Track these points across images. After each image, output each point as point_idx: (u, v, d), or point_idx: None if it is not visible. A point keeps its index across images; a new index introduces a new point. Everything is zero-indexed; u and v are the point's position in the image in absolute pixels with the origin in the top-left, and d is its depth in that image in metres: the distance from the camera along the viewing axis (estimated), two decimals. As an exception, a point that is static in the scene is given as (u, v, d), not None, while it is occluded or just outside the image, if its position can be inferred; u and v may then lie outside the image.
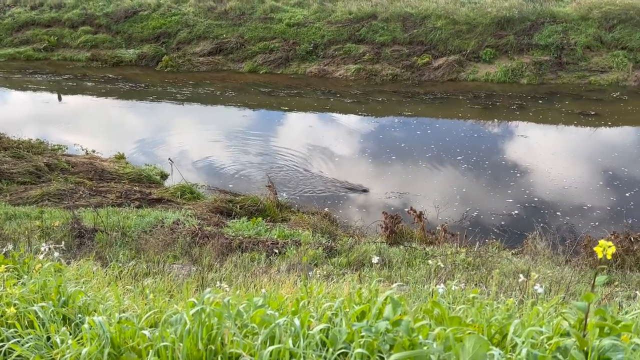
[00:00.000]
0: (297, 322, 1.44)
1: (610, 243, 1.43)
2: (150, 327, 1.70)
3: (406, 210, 8.91)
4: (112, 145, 12.32)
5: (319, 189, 10.35)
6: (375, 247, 6.45)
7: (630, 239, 7.35)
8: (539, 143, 12.22)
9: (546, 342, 1.40)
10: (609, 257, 1.42)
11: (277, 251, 6.14)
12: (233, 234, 6.92)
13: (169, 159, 10.37)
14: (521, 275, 3.07)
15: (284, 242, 6.50)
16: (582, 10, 16.97)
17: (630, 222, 8.87)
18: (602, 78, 15.85)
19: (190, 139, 12.93)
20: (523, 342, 1.31)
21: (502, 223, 9.20)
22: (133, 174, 10.44)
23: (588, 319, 1.40)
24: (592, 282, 2.56)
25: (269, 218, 8.64)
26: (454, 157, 11.39)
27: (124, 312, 1.91)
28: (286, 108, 15.35)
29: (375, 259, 3.26)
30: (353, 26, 18.47)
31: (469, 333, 1.27)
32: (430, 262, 4.01)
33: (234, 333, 1.46)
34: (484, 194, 9.99)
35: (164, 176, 10.93)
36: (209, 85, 17.14)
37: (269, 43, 18.68)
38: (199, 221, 7.45)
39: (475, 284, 4.43)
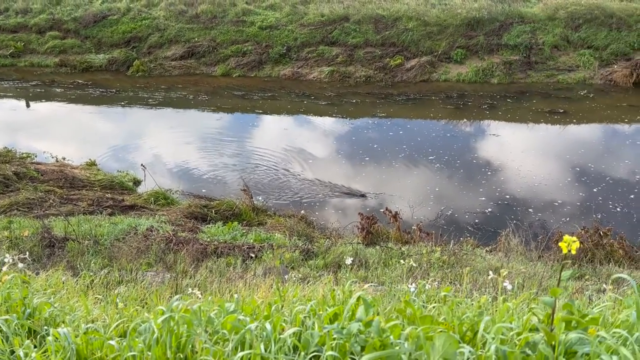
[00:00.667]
0: (268, 326, 1.43)
1: (574, 238, 1.46)
2: (120, 336, 1.66)
3: (382, 210, 8.96)
4: (83, 152, 12.09)
5: (296, 192, 10.33)
6: (351, 248, 6.46)
7: (600, 234, 7.52)
8: (510, 141, 12.43)
9: (516, 338, 1.42)
10: (573, 252, 1.44)
11: (253, 255, 6.10)
12: (208, 239, 6.85)
13: (142, 164, 10.22)
14: (490, 273, 3.11)
15: (260, 246, 6.46)
16: (549, 11, 17.34)
17: (599, 217, 9.08)
18: (569, 77, 16.22)
19: (163, 144, 12.77)
20: (492, 339, 1.33)
21: (476, 221, 9.32)
22: (105, 181, 10.26)
23: (556, 314, 1.42)
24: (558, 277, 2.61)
25: (245, 222, 8.59)
26: (427, 157, 11.50)
27: (93, 322, 1.87)
28: (260, 111, 15.30)
29: (348, 260, 3.26)
30: (325, 28, 18.52)
31: (440, 331, 1.28)
32: (402, 261, 4.03)
33: (205, 340, 1.44)
34: (457, 193, 10.10)
35: (137, 182, 10.76)
36: (182, 89, 16.97)
37: (242, 46, 18.59)
38: (174, 227, 7.36)
39: (450, 282, 4.47)
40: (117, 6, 20.42)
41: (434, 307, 1.69)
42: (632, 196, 9.59)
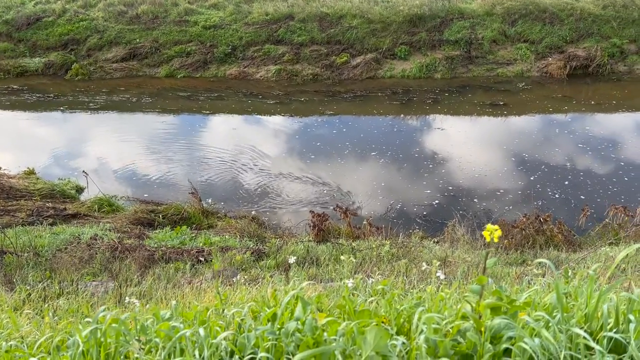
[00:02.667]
0: (202, 331, 1.41)
1: (496, 227, 1.51)
2: (49, 352, 1.59)
3: (332, 208, 9.02)
4: (20, 160, 11.55)
5: (246, 192, 10.25)
6: (303, 247, 6.47)
7: (540, 220, 7.86)
8: (454, 134, 12.78)
9: (449, 326, 1.46)
10: (495, 240, 1.50)
11: (202, 259, 6.01)
12: (156, 245, 6.70)
13: (84, 171, 9.87)
14: (424, 264, 3.19)
15: (210, 250, 6.37)
16: (487, 7, 17.92)
17: (539, 203, 9.49)
18: (508, 70, 16.83)
19: (108, 149, 12.38)
20: (423, 329, 1.36)
21: (424, 213, 9.53)
22: (45, 190, 9.84)
23: (485, 300, 1.47)
24: (489, 266, 2.67)
25: (194, 226, 8.45)
26: (376, 152, 11.67)
27: (23, 338, 1.78)
28: (207, 112, 15.07)
29: (291, 259, 3.25)
30: (270, 27, 18.43)
31: (373, 325, 1.30)
32: (342, 257, 4.07)
33: (137, 349, 1.40)
34: (406, 186, 10.30)
35: (80, 190, 10.39)
36: (124, 92, 16.48)
37: (186, 46, 18.24)
38: (119, 234, 7.15)
39: (397, 275, 4.56)
40: (52, 7, 19.59)
41: (372, 301, 1.72)
42: (566, 182, 10.06)
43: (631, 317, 1.34)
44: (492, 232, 1.49)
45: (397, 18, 17.87)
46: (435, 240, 7.95)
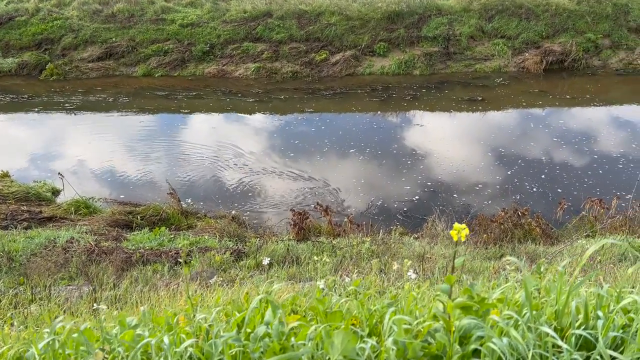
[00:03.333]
0: (166, 339, 1.37)
1: (463, 226, 1.50)
2: (9, 365, 1.54)
3: (313, 206, 9.00)
4: (-7, 163, 11.29)
5: (226, 192, 10.17)
6: (283, 246, 6.44)
7: (518, 214, 7.94)
8: (433, 130, 12.85)
9: (420, 326, 1.45)
10: (462, 239, 1.49)
11: (181, 260, 5.94)
12: (133, 247, 6.60)
13: (59, 173, 9.69)
14: (395, 264, 3.18)
15: (189, 250, 6.30)
16: (464, 3, 18.04)
17: (518, 197, 9.59)
18: (486, 65, 16.98)
19: (84, 150, 12.17)
20: (391, 331, 1.35)
21: (405, 209, 9.57)
22: (20, 193, 9.63)
23: (457, 299, 1.46)
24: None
25: (173, 227, 8.35)
26: (356, 149, 11.67)
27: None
28: (186, 111, 14.92)
29: (265, 261, 3.21)
30: (249, 25, 18.31)
31: (342, 328, 1.28)
32: (315, 258, 4.04)
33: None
34: (386, 183, 10.32)
35: (56, 192, 10.20)
36: (101, 92, 16.22)
37: (163, 45, 18.02)
38: (96, 237, 7.03)
39: (378, 272, 4.55)
40: (25, 7, 19.18)
41: (346, 301, 1.70)
42: (543, 176, 10.19)
43: (599, 313, 1.34)
44: (459, 231, 1.48)
45: (376, 15, 17.89)
46: (415, 236, 7.98)
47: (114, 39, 18.28)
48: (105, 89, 16.42)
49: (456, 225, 1.51)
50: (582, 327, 1.36)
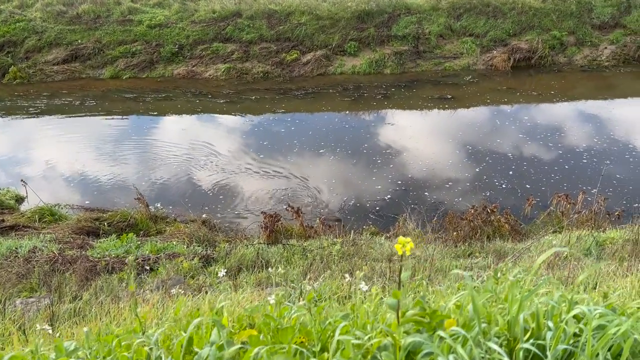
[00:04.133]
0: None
1: (408, 239, 1.47)
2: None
3: (285, 207, 8.93)
4: (-47, 171, 10.91)
5: (197, 196, 10.03)
6: (253, 250, 6.36)
7: (487, 211, 8.02)
8: (403, 129, 12.91)
9: (371, 342, 1.41)
10: (408, 253, 1.46)
11: (148, 268, 5.82)
12: (99, 255, 6.44)
13: (22, 180, 9.41)
14: (347, 276, 3.15)
15: (157, 257, 6.17)
16: (432, 1, 18.18)
17: (487, 194, 9.70)
18: (455, 64, 17.15)
19: (50, 155, 11.85)
20: (341, 347, 1.31)
21: (377, 208, 9.57)
22: (-19, 202, 9.31)
23: (409, 311, 1.43)
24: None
25: (142, 232, 8.18)
26: (328, 150, 11.64)
27: None
28: (155, 113, 14.68)
29: (221, 273, 3.11)
30: (218, 25, 18.11)
31: (284, 352, 1.24)
32: (270, 270, 3.97)
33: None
34: (359, 182, 10.32)
35: (20, 199, 9.90)
36: (67, 95, 15.83)
37: (130, 46, 17.69)
38: (60, 245, 6.83)
39: (345, 274, 4.52)
40: (-15, 8, 18.60)
41: (300, 315, 1.65)
42: (510, 172, 10.33)
43: (550, 323, 1.32)
44: (403, 244, 1.45)
45: (346, 14, 17.90)
46: (387, 236, 7.99)
47: (79, 41, 17.87)
48: (71, 92, 16.04)
49: (400, 238, 1.47)
50: (535, 337, 1.34)
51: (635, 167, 10.47)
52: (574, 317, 1.35)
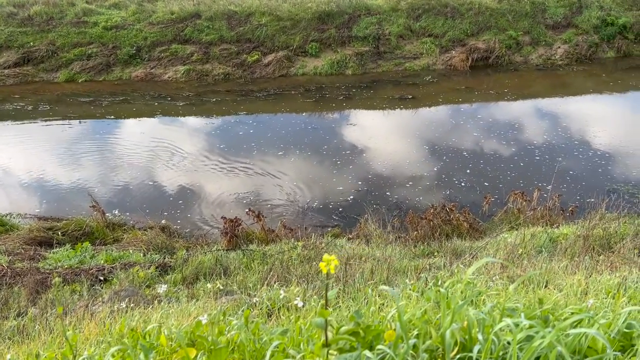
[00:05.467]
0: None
1: (333, 257, 1.45)
2: None
3: (246, 211, 8.83)
4: None
5: (156, 202, 9.83)
6: (211, 256, 6.26)
7: (447, 210, 8.13)
8: (365, 129, 12.98)
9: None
10: (332, 271, 1.44)
11: (102, 278, 5.65)
12: (52, 266, 6.22)
13: (-31, 190, 9.01)
14: (282, 292, 3.13)
15: (112, 267, 6.00)
16: (392, 2, 18.35)
17: (448, 193, 9.85)
18: (415, 64, 17.35)
19: (1, 162, 11.42)
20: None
21: (340, 209, 9.59)
22: None
23: (343, 328, 1.41)
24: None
25: (98, 241, 7.96)
26: (290, 151, 11.59)
27: None
28: (113, 117, 14.32)
29: (161, 288, 3.01)
30: (177, 26, 17.82)
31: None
32: (208, 285, 3.90)
33: None
34: (322, 184, 10.30)
35: (-32, 210, 9.48)
36: (19, 99, 15.29)
37: (86, 49, 17.22)
38: (10, 257, 6.57)
39: (300, 282, 4.49)
40: None
41: (235, 333, 1.60)
42: (468, 171, 10.51)
43: (480, 336, 1.32)
44: (328, 262, 1.43)
45: (306, 15, 17.88)
46: (349, 237, 7.99)
47: (32, 44, 17.28)
48: (24, 96, 15.50)
49: (325, 256, 1.45)
50: (469, 350, 1.33)
51: (587, 163, 10.81)
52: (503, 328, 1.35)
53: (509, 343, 1.32)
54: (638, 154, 11.21)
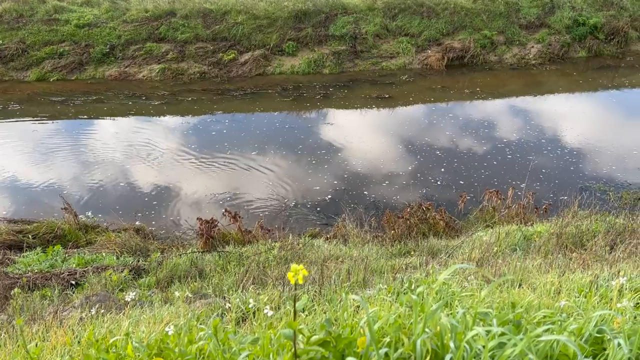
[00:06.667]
0: None
1: (301, 267, 1.42)
2: None
3: (223, 212, 8.74)
4: None
5: (130, 203, 9.66)
6: (186, 259, 6.17)
7: (423, 209, 8.17)
8: (342, 129, 12.98)
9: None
10: (300, 282, 1.41)
11: (74, 283, 5.52)
12: (21, 270, 6.06)
13: None
14: (251, 301, 3.09)
15: (84, 271, 5.87)
16: (368, 2, 18.39)
17: (424, 191, 9.90)
18: (392, 63, 17.42)
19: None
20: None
21: (318, 209, 9.56)
22: None
23: (314, 337, 1.37)
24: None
25: (70, 244, 7.78)
26: (269, 150, 11.52)
27: None
28: (86, 116, 14.04)
29: (129, 296, 2.94)
30: (151, 24, 17.56)
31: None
32: (177, 293, 3.84)
33: None
34: (299, 183, 10.26)
35: None
36: (-13, 99, 14.88)
37: (58, 47, 16.84)
38: (-23, 263, 6.37)
39: (275, 285, 4.44)
40: None
41: (202, 343, 1.56)
42: (442, 169, 10.59)
43: (452, 344, 1.31)
44: (296, 272, 1.40)
45: (283, 14, 17.80)
46: (327, 237, 7.97)
47: (1, 42, 16.83)
48: (-8, 96, 15.08)
49: (293, 266, 1.42)
50: (442, 358, 1.32)
51: (559, 161, 10.99)
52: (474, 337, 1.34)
53: (484, 347, 1.31)
54: (608, 151, 11.45)
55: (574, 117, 13.62)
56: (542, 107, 14.48)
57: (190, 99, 15.13)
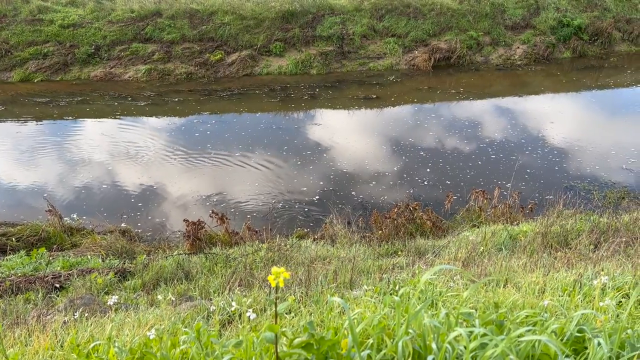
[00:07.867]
0: None
1: (282, 270, 1.42)
2: None
3: (209, 213, 8.69)
4: None
5: (116, 203, 9.58)
6: (173, 261, 6.12)
7: (410, 209, 8.20)
8: (330, 129, 12.98)
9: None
10: (281, 285, 1.41)
11: (59, 286, 5.45)
12: (4, 274, 5.97)
13: None
14: (234, 304, 3.08)
15: (69, 274, 5.80)
16: (355, 2, 18.42)
17: (411, 191, 9.94)
18: (379, 64, 17.47)
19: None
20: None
21: (306, 210, 9.55)
22: None
23: (296, 340, 1.37)
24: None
25: (55, 247, 7.69)
26: (257, 151, 11.49)
27: None
28: (70, 117, 13.89)
29: (111, 300, 2.91)
30: (137, 25, 17.43)
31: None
32: (160, 296, 3.82)
33: None
34: (287, 184, 10.25)
35: None
36: (-30, 100, 14.66)
37: (42, 47, 16.65)
38: (-41, 267, 6.27)
39: (261, 286, 4.43)
40: None
41: (184, 348, 1.54)
42: (428, 170, 10.64)
43: (434, 346, 1.31)
44: (277, 275, 1.39)
45: (270, 14, 17.77)
46: (314, 238, 7.97)
47: (-17, 42, 16.59)
48: (-26, 97, 14.87)
49: (274, 269, 1.41)
50: (424, 359, 1.32)
51: (544, 160, 11.10)
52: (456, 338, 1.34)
53: (465, 348, 1.31)
54: (592, 151, 11.58)
55: (559, 117, 13.76)
56: (527, 107, 14.61)
57: (176, 99, 15.04)
